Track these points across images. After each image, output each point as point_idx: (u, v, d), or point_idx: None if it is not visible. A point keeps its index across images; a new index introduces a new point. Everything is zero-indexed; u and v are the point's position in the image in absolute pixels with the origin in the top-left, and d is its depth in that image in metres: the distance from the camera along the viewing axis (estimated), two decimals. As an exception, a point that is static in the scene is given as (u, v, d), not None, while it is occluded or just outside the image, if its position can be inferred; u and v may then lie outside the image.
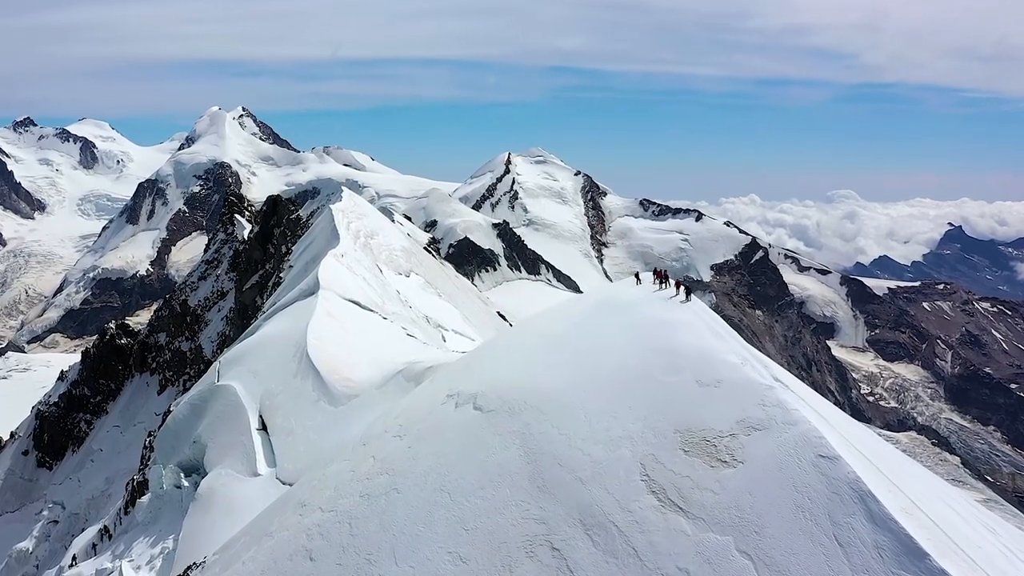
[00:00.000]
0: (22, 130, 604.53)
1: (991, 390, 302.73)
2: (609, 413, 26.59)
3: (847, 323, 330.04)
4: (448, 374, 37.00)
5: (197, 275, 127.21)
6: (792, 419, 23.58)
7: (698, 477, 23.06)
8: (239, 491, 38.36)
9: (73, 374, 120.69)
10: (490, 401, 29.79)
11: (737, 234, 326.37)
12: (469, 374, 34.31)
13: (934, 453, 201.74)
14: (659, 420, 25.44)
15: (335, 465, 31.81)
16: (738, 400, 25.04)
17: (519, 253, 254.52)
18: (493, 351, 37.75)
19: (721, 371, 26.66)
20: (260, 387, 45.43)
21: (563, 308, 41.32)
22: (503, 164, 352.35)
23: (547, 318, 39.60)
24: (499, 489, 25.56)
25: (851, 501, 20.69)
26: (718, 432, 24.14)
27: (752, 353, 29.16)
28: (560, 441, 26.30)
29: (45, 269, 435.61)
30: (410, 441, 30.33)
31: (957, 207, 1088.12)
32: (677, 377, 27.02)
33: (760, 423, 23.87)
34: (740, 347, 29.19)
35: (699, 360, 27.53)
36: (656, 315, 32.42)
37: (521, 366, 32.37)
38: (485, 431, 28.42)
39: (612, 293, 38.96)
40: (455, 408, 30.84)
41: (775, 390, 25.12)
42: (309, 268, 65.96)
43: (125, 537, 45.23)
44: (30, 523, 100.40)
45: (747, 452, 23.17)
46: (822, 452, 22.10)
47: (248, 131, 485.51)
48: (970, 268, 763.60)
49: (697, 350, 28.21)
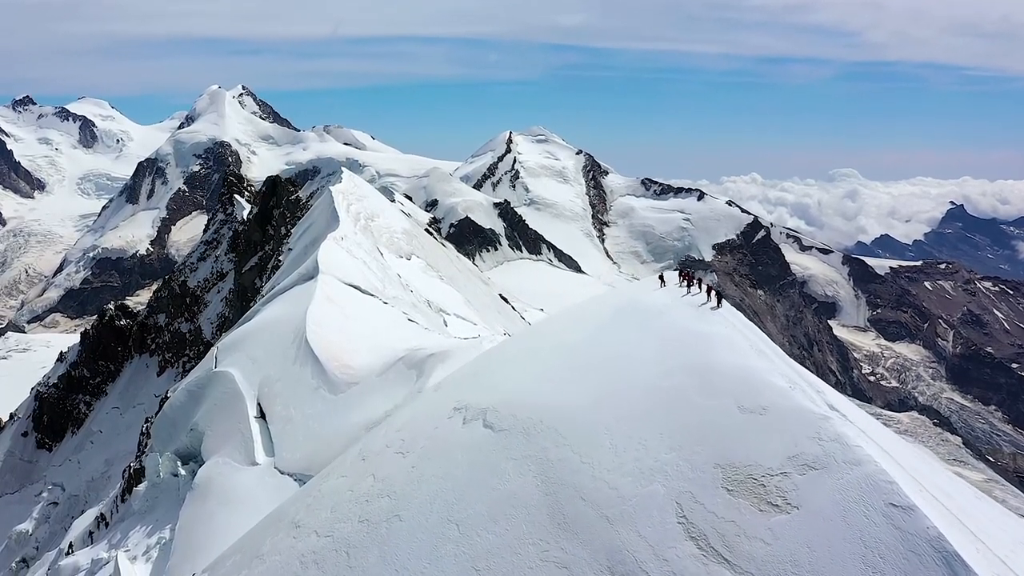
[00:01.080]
0: (21, 109, 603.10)
1: (992, 370, 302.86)
2: (638, 440, 23.42)
3: (849, 303, 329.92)
4: (454, 382, 33.80)
5: (196, 256, 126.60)
6: (855, 457, 20.38)
7: (745, 523, 20.12)
8: (237, 481, 37.67)
9: (72, 355, 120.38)
10: (502, 418, 26.93)
11: (739, 213, 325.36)
12: (477, 384, 31.36)
13: (935, 433, 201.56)
14: (696, 451, 22.32)
15: (331, 481, 29.65)
16: (789, 431, 21.83)
17: (520, 233, 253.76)
18: (503, 358, 34.38)
19: (766, 395, 23.38)
20: (258, 374, 44.68)
21: (580, 312, 37.48)
22: (504, 143, 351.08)
23: (562, 323, 36.48)
24: (514, 524, 22.89)
25: (933, 563, 17.70)
26: (767, 469, 21.00)
27: (800, 374, 26.11)
28: (583, 471, 23.34)
29: (45, 249, 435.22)
30: (413, 460, 27.77)
31: (959, 186, 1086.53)
32: (715, 401, 23.75)
33: (816, 461, 20.68)
34: (786, 366, 25.93)
35: (740, 381, 24.17)
36: (687, 325, 29.10)
37: (535, 379, 29.27)
38: (497, 454, 25.62)
39: (634, 296, 35.25)
40: (463, 424, 28.02)
41: (832, 421, 21.81)
42: (308, 251, 65.18)
43: (122, 526, 44.68)
44: (30, 505, 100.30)
45: (802, 495, 20.09)
46: (894, 500, 19.02)
47: (248, 110, 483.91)
48: (971, 247, 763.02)
49: (737, 369, 24.92)
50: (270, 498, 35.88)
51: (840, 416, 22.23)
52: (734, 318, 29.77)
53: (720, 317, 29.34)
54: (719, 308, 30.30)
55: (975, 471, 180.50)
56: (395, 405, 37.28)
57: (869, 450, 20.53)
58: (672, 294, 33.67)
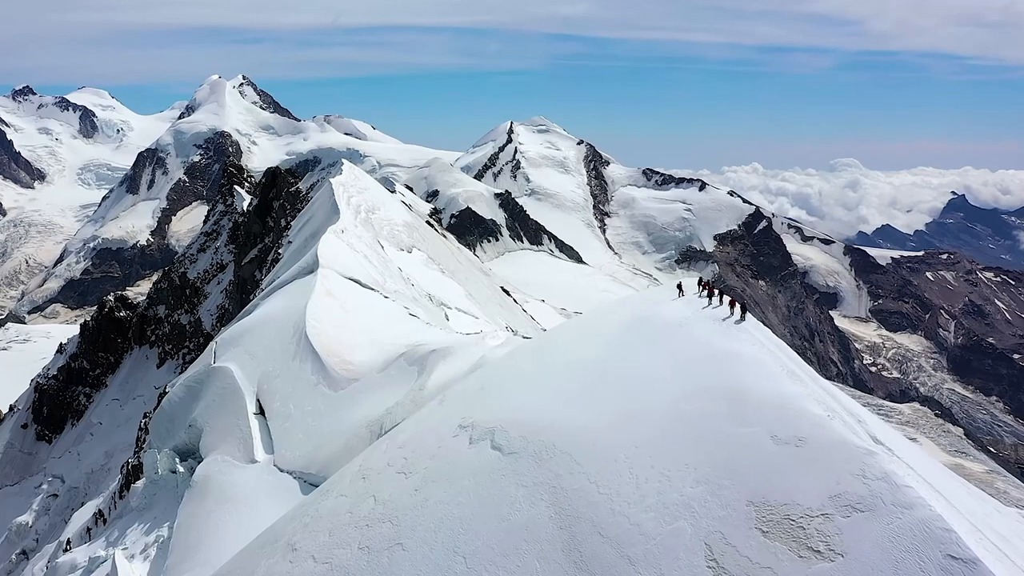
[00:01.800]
0: (21, 99, 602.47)
1: (994, 360, 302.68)
2: (661, 470, 21.44)
3: (850, 293, 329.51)
4: (459, 395, 31.52)
5: (196, 247, 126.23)
6: (906, 500, 18.28)
7: (784, 570, 18.06)
8: (236, 479, 37.14)
9: (72, 347, 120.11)
10: (511, 440, 25.03)
11: (741, 204, 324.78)
12: (484, 400, 29.24)
13: (937, 424, 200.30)
14: (726, 486, 20.26)
15: (330, 500, 28.17)
16: (829, 467, 19.71)
17: (521, 223, 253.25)
18: (511, 372, 31.89)
19: (802, 425, 21.20)
20: (258, 369, 44.12)
21: (592, 323, 34.88)
22: (505, 133, 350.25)
23: (574, 334, 33.90)
24: (526, 559, 21.03)
25: (1002, 628, 15.50)
26: (806, 510, 18.92)
27: (838, 399, 23.78)
28: (600, 503, 21.35)
29: (45, 239, 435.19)
30: (417, 482, 25.87)
31: (960, 176, 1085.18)
32: (746, 429, 21.69)
33: (862, 502, 18.53)
34: (821, 391, 23.61)
35: (773, 408, 22.09)
36: (710, 341, 26.89)
37: (546, 396, 27.09)
38: (507, 480, 23.72)
39: (651, 306, 32.58)
40: (469, 444, 26.11)
41: (877, 456, 19.67)
42: (308, 244, 64.67)
43: (120, 523, 44.24)
44: (30, 496, 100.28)
45: (847, 541, 18.05)
46: (953, 552, 16.94)
47: (248, 100, 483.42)
48: (973, 237, 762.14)
49: (769, 394, 22.78)
50: (269, 497, 35.41)
51: (886, 450, 20.38)
52: (760, 334, 27.54)
53: (745, 333, 27.28)
54: (743, 321, 28.30)
55: (977, 462, 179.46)
56: (396, 402, 36.70)
57: (921, 491, 18.74)
58: (691, 305, 31.15)
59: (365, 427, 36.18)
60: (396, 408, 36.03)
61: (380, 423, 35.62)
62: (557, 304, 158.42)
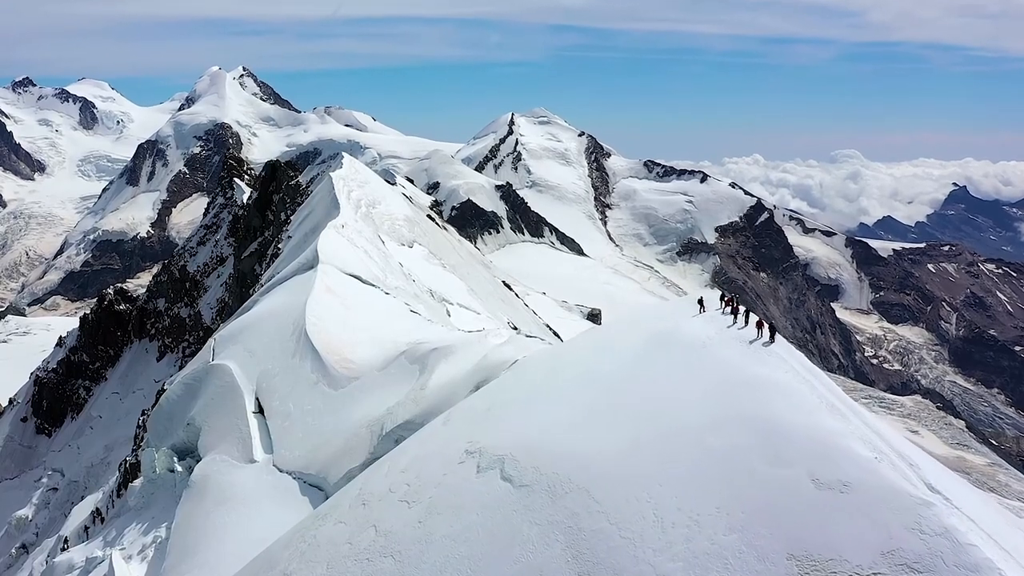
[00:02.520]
0: (21, 90, 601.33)
1: (995, 352, 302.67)
2: (689, 514, 19.31)
3: (852, 285, 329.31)
4: (465, 416, 29.30)
5: (196, 240, 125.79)
6: (970, 561, 16.18)
7: None
8: (234, 479, 36.68)
9: (71, 340, 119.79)
10: (523, 471, 23.05)
11: (742, 196, 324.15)
12: (492, 421, 27.41)
13: (939, 417, 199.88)
14: (763, 535, 18.25)
15: (328, 527, 26.75)
16: (880, 518, 17.58)
17: (522, 215, 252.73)
18: (521, 391, 29.64)
19: (847, 468, 19.05)
20: (257, 367, 43.60)
21: (607, 338, 32.31)
22: (506, 125, 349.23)
23: (588, 350, 31.34)
24: None
25: None
26: (855, 568, 16.80)
27: (885, 438, 21.55)
28: (622, 549, 19.35)
29: (45, 231, 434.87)
30: (420, 512, 24.01)
31: (961, 167, 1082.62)
32: (783, 470, 19.58)
33: (919, 561, 16.48)
34: (866, 427, 21.34)
35: (813, 446, 19.98)
36: (738, 365, 24.67)
37: (560, 420, 24.96)
38: (518, 516, 21.76)
39: (670, 322, 30.07)
40: (477, 473, 24.18)
41: (935, 508, 17.50)
42: (308, 239, 64.14)
43: (117, 522, 43.84)
44: (29, 490, 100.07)
45: None
46: None
47: (249, 91, 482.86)
48: (974, 229, 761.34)
49: (808, 430, 20.64)
50: (268, 498, 35.00)
51: (943, 500, 18.32)
52: (793, 359, 25.29)
53: (776, 357, 24.99)
54: (772, 343, 26.13)
55: (978, 455, 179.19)
56: (396, 402, 36.21)
57: (987, 550, 16.70)
58: (715, 323, 28.91)
59: (365, 427, 35.74)
60: (397, 408, 35.56)
61: (381, 423, 35.16)
62: (558, 297, 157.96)
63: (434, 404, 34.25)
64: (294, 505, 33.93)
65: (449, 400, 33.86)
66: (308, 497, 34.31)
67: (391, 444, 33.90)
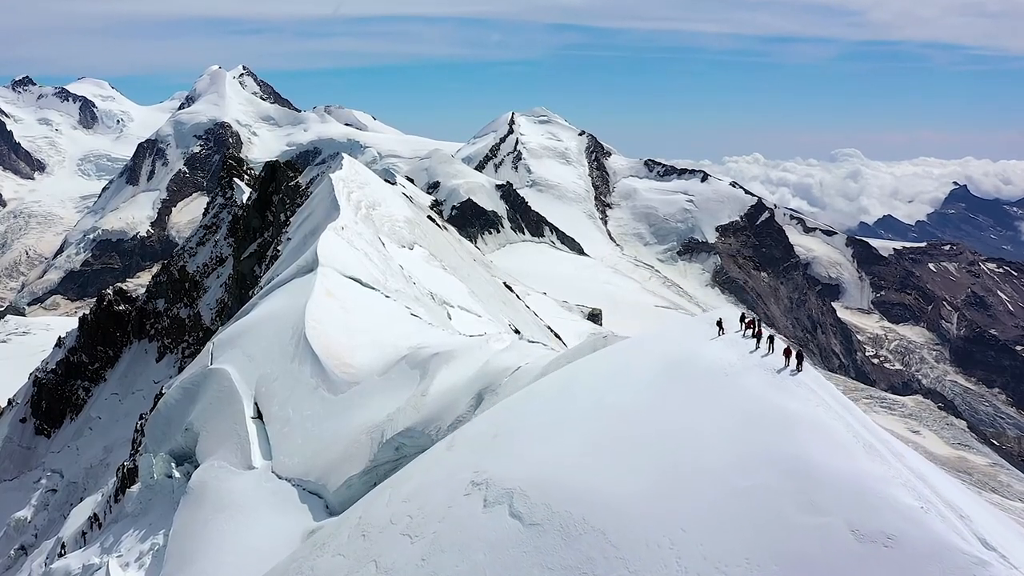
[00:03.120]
0: (21, 89, 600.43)
1: (996, 352, 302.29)
2: (716, 564, 17.69)
3: (852, 285, 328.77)
4: (471, 442, 27.56)
5: (195, 240, 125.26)
6: None
7: None
8: (233, 485, 36.27)
9: (71, 340, 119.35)
10: (533, 507, 21.32)
11: (743, 195, 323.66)
12: (499, 450, 25.76)
13: (940, 417, 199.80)
14: None
15: (326, 559, 25.74)
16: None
17: (522, 215, 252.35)
18: (529, 416, 27.72)
19: (891, 519, 17.34)
20: (255, 372, 43.18)
21: (620, 361, 29.75)
22: (506, 124, 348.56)
23: (601, 372, 29.05)
24: None
25: None
26: None
27: (933, 486, 19.58)
28: None
29: (45, 230, 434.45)
30: (424, 549, 22.48)
31: (961, 166, 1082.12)
32: (819, 519, 17.87)
33: None
34: (909, 472, 19.49)
35: (852, 493, 18.19)
36: (764, 397, 22.73)
37: (571, 451, 23.30)
38: (529, 559, 20.22)
39: (688, 345, 28.05)
40: (484, 508, 22.50)
41: (992, 569, 15.88)
42: (308, 242, 63.68)
43: (114, 528, 43.42)
44: (28, 492, 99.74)
45: None
46: None
47: (249, 90, 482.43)
48: (975, 228, 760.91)
49: (845, 474, 18.85)
50: (267, 505, 34.62)
51: (1000, 558, 16.52)
52: (824, 391, 23.19)
53: (806, 389, 22.98)
54: (799, 372, 24.10)
55: (980, 455, 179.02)
56: (397, 408, 35.79)
57: None
58: (736, 348, 26.78)
59: (365, 433, 35.35)
60: (397, 414, 35.16)
61: (381, 430, 34.75)
62: (559, 296, 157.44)
63: (435, 411, 33.89)
64: (293, 513, 33.55)
65: (451, 407, 33.50)
66: (307, 505, 33.95)
67: (391, 451, 33.53)
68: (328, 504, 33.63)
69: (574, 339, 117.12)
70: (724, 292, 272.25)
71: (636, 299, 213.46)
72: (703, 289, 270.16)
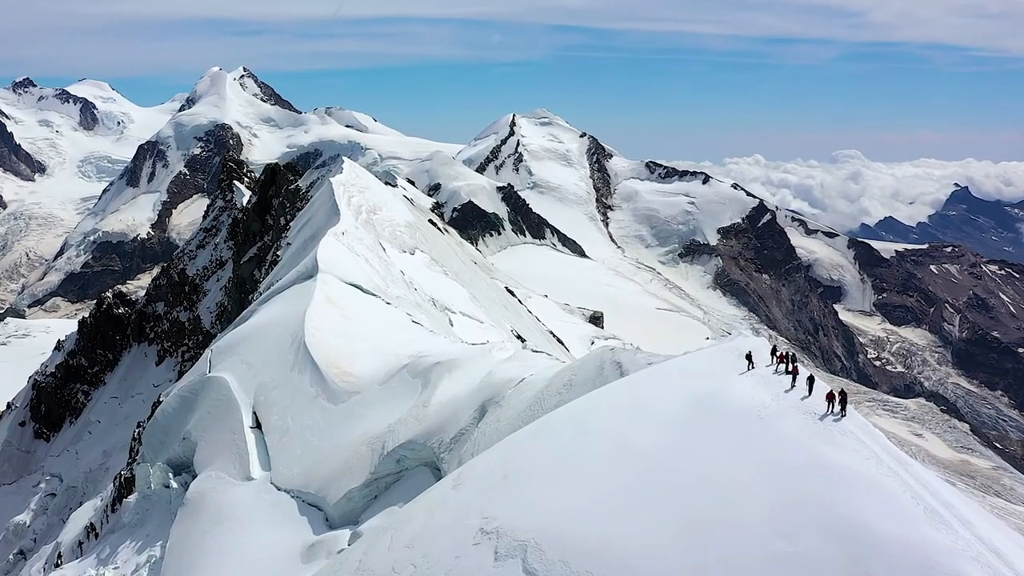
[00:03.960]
0: (21, 91, 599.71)
1: (999, 354, 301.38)
2: None
3: (854, 287, 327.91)
4: (479, 482, 24.80)
5: (195, 243, 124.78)
6: None
7: None
8: (231, 497, 35.70)
9: (70, 344, 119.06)
10: (549, 565, 18.96)
11: (744, 197, 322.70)
12: (510, 494, 23.15)
13: (943, 420, 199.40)
14: None
15: None
16: None
17: (523, 217, 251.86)
18: (542, 457, 24.86)
19: None
20: (254, 380, 42.57)
21: (641, 396, 26.42)
22: (507, 126, 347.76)
23: (620, 409, 25.80)
24: None
25: None
26: None
27: (1005, 558, 17.27)
28: None
29: (46, 232, 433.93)
30: None
31: (962, 167, 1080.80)
32: None
33: None
34: (977, 540, 17.32)
35: (914, 567, 15.99)
36: (805, 446, 20.25)
37: (590, 503, 20.83)
38: None
39: (715, 380, 25.04)
40: (495, 561, 20.13)
41: None
42: (308, 247, 63.08)
43: (111, 539, 42.90)
44: (27, 496, 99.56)
45: None
46: None
47: (249, 92, 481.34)
48: (976, 229, 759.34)
49: (904, 543, 16.57)
50: (266, 517, 34.06)
51: None
52: (873, 441, 20.55)
53: (852, 438, 20.28)
54: (843, 417, 21.24)
55: (983, 459, 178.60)
56: (398, 419, 35.16)
57: None
58: (768, 386, 23.82)
59: (366, 444, 34.76)
60: (398, 425, 34.54)
61: (382, 441, 34.13)
62: (560, 299, 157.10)
63: (437, 423, 33.27)
64: (292, 526, 33.01)
65: (453, 420, 32.90)
66: (307, 517, 33.42)
67: (392, 464, 32.96)
68: (328, 517, 33.12)
69: (576, 343, 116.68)
70: (726, 294, 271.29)
71: (637, 301, 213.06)
72: (704, 291, 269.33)
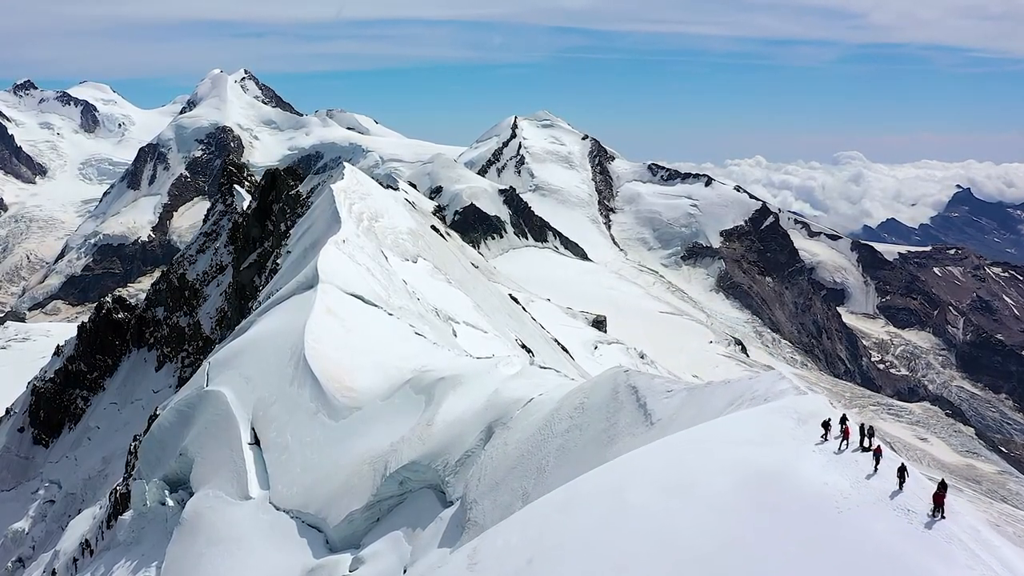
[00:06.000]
0: (22, 93, 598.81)
1: (1003, 357, 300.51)
2: None
3: (858, 289, 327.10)
4: (498, 565, 20.63)
5: (195, 248, 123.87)
6: None
7: None
8: (228, 517, 34.68)
9: (69, 349, 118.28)
10: None
11: (747, 199, 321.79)
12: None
13: (948, 424, 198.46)
14: None
15: None
16: None
17: (526, 220, 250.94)
18: (570, 539, 20.39)
19: None
20: (253, 395, 41.43)
21: (682, 469, 21.32)
22: (509, 128, 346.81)
23: (658, 485, 20.89)
24: None
25: None
26: None
27: None
28: None
29: (46, 234, 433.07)
30: None
31: (964, 168, 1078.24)
32: None
33: None
34: None
35: None
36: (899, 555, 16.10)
37: None
38: None
39: (776, 452, 20.37)
40: None
41: None
42: (308, 255, 61.95)
43: (106, 556, 41.88)
44: (26, 502, 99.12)
45: None
46: None
47: (250, 94, 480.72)
48: (978, 231, 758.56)
49: None
50: (264, 538, 33.11)
51: None
52: (985, 553, 16.36)
53: (963, 549, 16.18)
54: (943, 519, 17.22)
55: (988, 463, 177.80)
56: (401, 437, 34.05)
57: None
58: (843, 467, 19.19)
59: (368, 464, 33.70)
60: (401, 444, 33.42)
61: (384, 461, 33.04)
62: (563, 302, 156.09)
63: (442, 444, 32.18)
64: (291, 548, 32.07)
65: (459, 441, 31.83)
66: (307, 539, 32.47)
67: (395, 486, 31.92)
68: (328, 539, 32.15)
69: (579, 348, 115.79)
70: (729, 297, 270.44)
71: (640, 304, 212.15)
72: (707, 294, 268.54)
